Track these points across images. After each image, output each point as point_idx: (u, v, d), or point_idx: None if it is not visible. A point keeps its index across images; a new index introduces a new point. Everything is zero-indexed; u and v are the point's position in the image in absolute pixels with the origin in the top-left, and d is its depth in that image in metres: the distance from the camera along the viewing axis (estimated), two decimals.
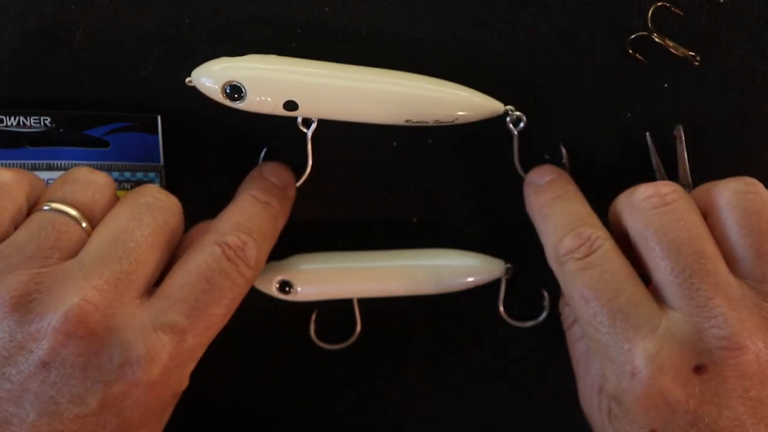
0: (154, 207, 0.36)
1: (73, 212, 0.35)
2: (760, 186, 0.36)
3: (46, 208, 0.34)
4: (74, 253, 0.34)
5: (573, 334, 0.41)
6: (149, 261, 0.34)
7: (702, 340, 0.32)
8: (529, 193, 0.42)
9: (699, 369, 0.32)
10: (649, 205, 0.36)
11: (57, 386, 0.30)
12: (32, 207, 0.36)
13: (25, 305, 0.31)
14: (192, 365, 0.35)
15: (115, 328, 0.32)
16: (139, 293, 0.34)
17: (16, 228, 0.34)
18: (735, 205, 0.35)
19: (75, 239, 0.34)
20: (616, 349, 0.34)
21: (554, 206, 0.40)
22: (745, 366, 0.32)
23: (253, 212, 0.39)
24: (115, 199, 0.38)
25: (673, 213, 0.35)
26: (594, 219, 0.38)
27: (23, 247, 0.32)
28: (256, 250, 0.37)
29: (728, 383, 0.32)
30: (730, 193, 0.36)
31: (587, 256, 0.36)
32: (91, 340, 0.31)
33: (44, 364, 0.30)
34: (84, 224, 0.35)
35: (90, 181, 0.36)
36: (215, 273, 0.35)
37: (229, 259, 0.36)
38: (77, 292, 0.31)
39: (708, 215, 0.36)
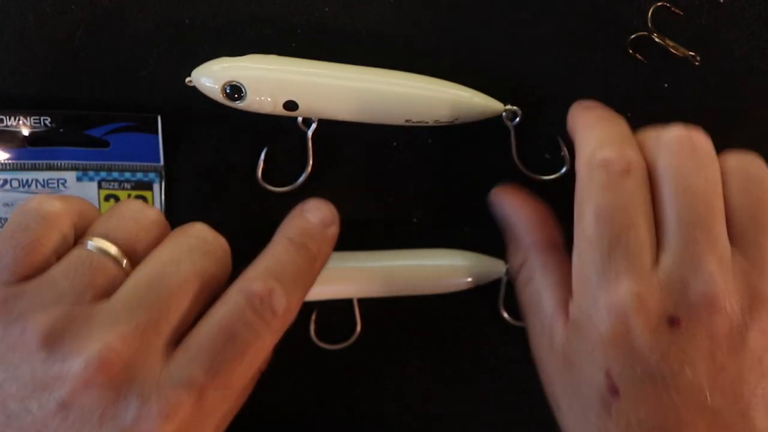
0: (197, 250, 0.34)
1: (113, 251, 0.33)
2: (763, 163, 0.37)
3: (88, 244, 0.33)
4: (109, 293, 0.32)
5: (523, 277, 0.41)
6: (180, 310, 0.33)
7: (683, 292, 0.33)
8: (578, 108, 0.41)
9: (672, 321, 0.32)
10: (678, 145, 0.36)
11: (75, 428, 0.30)
12: (79, 236, 0.34)
13: (52, 344, 0.30)
14: (215, 420, 0.33)
15: (135, 379, 0.31)
16: (166, 343, 0.32)
17: (59, 258, 0.33)
18: (739, 170, 0.36)
19: (111, 279, 0.33)
20: (599, 277, 0.34)
21: (604, 121, 0.39)
22: (718, 328, 0.32)
23: (285, 256, 0.36)
24: (164, 236, 0.36)
25: (698, 159, 0.35)
26: (637, 148, 0.37)
27: (59, 284, 0.32)
28: (285, 297, 0.34)
29: (697, 341, 0.32)
30: (737, 160, 0.36)
31: (621, 174, 0.35)
32: (110, 388, 0.30)
33: (64, 405, 0.30)
34: (124, 263, 0.33)
35: (138, 217, 0.35)
36: (238, 324, 0.33)
37: (253, 309, 0.33)
38: (102, 338, 0.30)
39: None
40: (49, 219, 0.33)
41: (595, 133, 0.38)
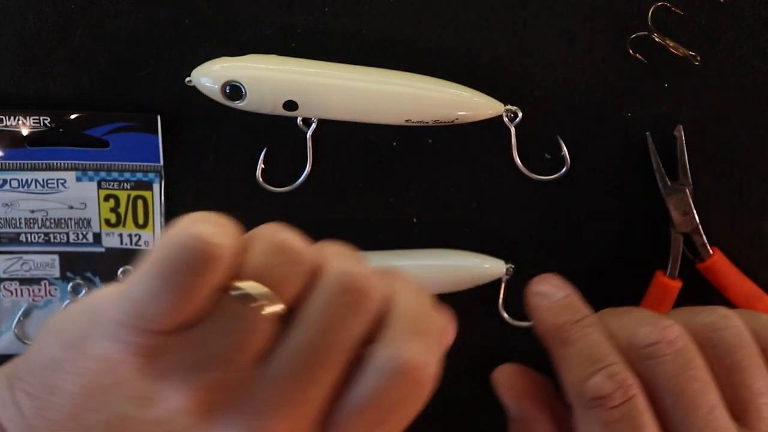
0: (354, 310, 0.28)
1: (270, 304, 0.28)
2: (734, 318, 0.35)
3: (242, 292, 0.28)
4: (263, 352, 0.28)
5: None
6: (335, 382, 0.28)
7: None
8: (542, 311, 0.37)
9: None
10: (657, 352, 0.34)
11: None
12: (227, 282, 0.28)
13: (203, 414, 0.27)
14: None
15: None
16: (318, 418, 0.28)
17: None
18: (717, 343, 0.34)
19: (265, 333, 0.28)
20: None
21: (576, 332, 0.36)
22: None
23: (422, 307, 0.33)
24: (314, 269, 0.30)
25: (682, 361, 0.33)
26: (618, 356, 0.34)
27: (210, 344, 0.27)
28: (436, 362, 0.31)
29: None
30: (709, 331, 0.35)
31: (622, 405, 0.32)
32: None
33: None
34: (280, 310, 0.28)
35: (291, 255, 0.29)
36: (391, 401, 0.29)
37: (410, 381, 0.29)
38: (261, 417, 0.27)
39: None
40: (214, 258, 0.27)
41: (573, 351, 0.35)
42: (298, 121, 0.43)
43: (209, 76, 0.40)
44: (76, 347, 0.28)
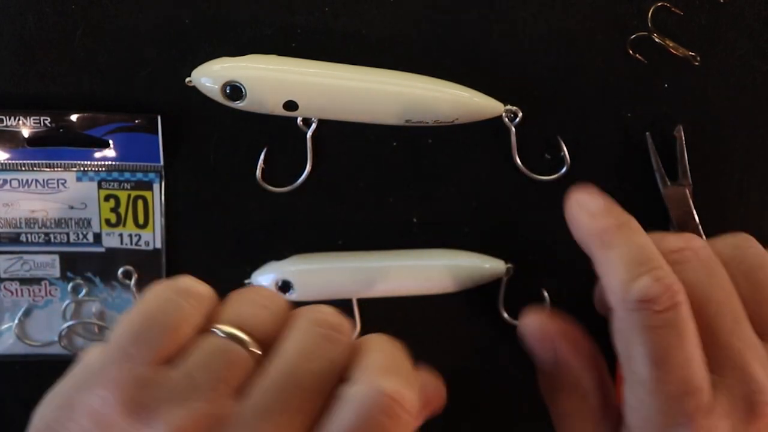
0: (327, 340, 0.31)
1: (246, 339, 0.30)
2: (754, 241, 0.36)
3: (220, 331, 0.30)
4: (243, 386, 0.29)
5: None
6: (314, 409, 0.29)
7: (749, 410, 0.32)
8: (583, 217, 0.36)
9: None
10: (684, 258, 0.34)
11: None
12: (208, 323, 0.31)
13: None
14: None
15: None
16: None
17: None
18: (741, 261, 0.34)
19: (245, 371, 0.30)
20: (668, 418, 0.32)
21: (621, 235, 0.34)
22: None
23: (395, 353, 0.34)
24: (288, 318, 0.32)
25: (708, 269, 0.34)
26: (665, 262, 0.33)
27: (194, 377, 0.29)
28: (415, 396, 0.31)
29: None
30: (732, 249, 0.35)
31: (668, 310, 0.31)
32: None
33: None
34: (256, 352, 0.30)
35: (267, 304, 0.32)
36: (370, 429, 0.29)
37: (386, 412, 0.29)
38: None
39: None
40: (199, 300, 0.31)
41: (616, 253, 0.34)
42: (298, 121, 0.43)
43: (209, 76, 0.40)
44: (67, 407, 0.29)
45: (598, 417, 0.36)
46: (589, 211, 0.36)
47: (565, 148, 0.44)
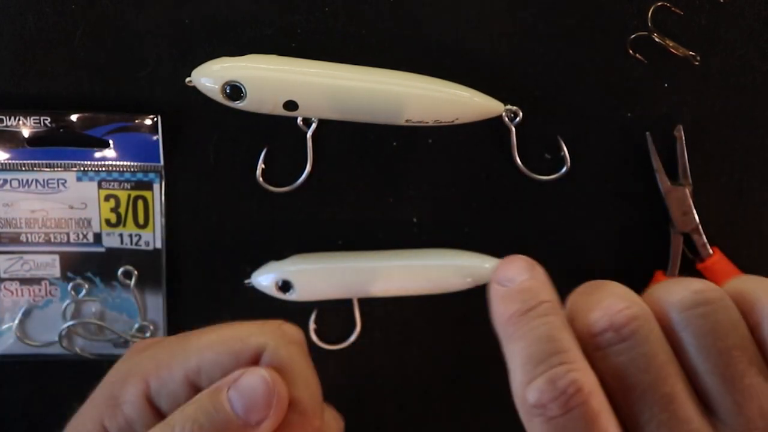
0: None
1: None
2: (710, 292, 0.29)
3: None
4: None
5: None
6: None
7: None
8: (494, 298, 0.32)
9: None
10: (604, 342, 0.29)
11: None
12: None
13: None
14: None
15: None
16: None
17: None
18: (686, 325, 0.28)
19: None
20: None
21: (523, 325, 0.30)
22: None
23: None
24: None
25: (633, 350, 0.28)
26: (574, 347, 0.29)
27: None
28: None
29: None
30: (678, 311, 0.29)
31: (565, 414, 0.27)
32: None
33: None
34: None
35: None
36: None
37: None
38: None
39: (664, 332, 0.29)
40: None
41: (517, 348, 0.30)
42: (298, 121, 0.43)
43: (209, 76, 0.40)
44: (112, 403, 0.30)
45: None
46: (501, 295, 0.32)
47: (565, 148, 0.44)
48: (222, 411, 0.29)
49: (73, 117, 0.43)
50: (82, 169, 0.44)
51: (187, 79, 0.41)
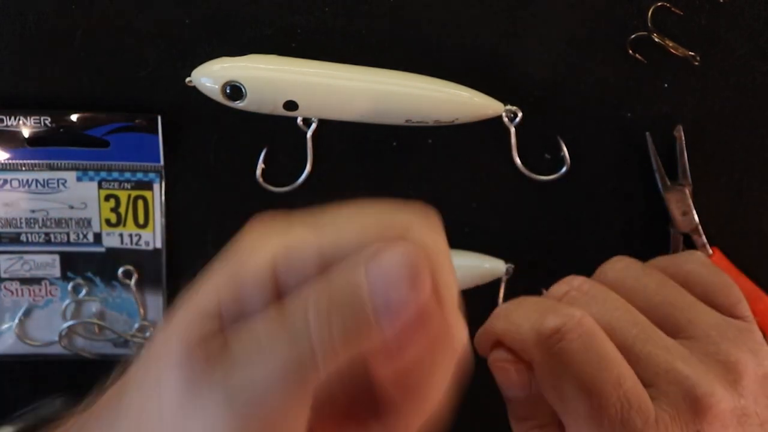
0: None
1: None
2: (626, 260, 0.35)
3: None
4: None
5: None
6: None
7: (694, 408, 0.31)
8: (481, 333, 0.35)
9: None
10: (570, 299, 0.34)
11: None
12: None
13: None
14: None
15: None
16: None
17: None
18: (623, 281, 0.34)
19: None
20: None
21: (512, 305, 0.34)
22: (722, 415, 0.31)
23: None
24: None
25: (596, 298, 0.33)
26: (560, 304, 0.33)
27: None
28: None
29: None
30: (614, 274, 0.34)
31: (582, 335, 0.31)
32: None
33: None
34: None
35: None
36: None
37: None
38: None
39: None
40: None
41: (515, 316, 0.33)
42: (298, 121, 0.43)
43: (209, 76, 0.40)
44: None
45: None
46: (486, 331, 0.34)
47: (565, 148, 0.44)
48: (359, 289, 0.25)
49: (73, 117, 0.43)
50: (82, 169, 0.44)
51: (187, 79, 0.41)
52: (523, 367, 0.34)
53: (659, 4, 0.43)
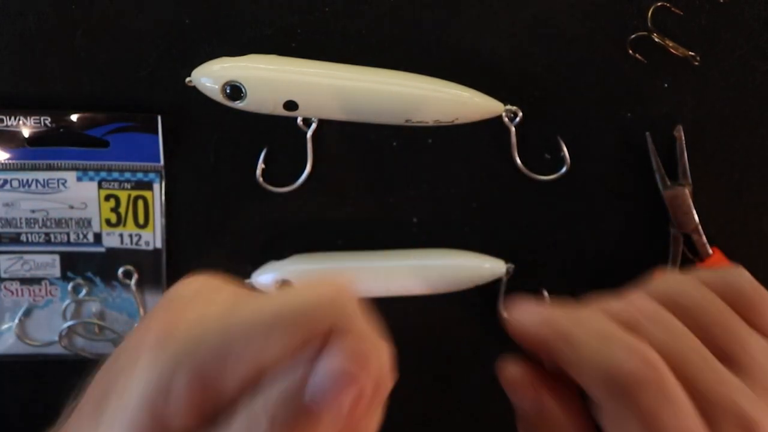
0: None
1: None
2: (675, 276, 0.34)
3: None
4: None
5: None
6: None
7: None
8: (529, 330, 0.33)
9: None
10: (631, 320, 0.32)
11: None
12: None
13: None
14: None
15: None
16: None
17: None
18: (675, 300, 0.33)
19: None
20: None
21: (573, 324, 0.31)
22: None
23: None
24: None
25: (661, 323, 0.32)
26: (623, 331, 0.31)
27: None
28: None
29: None
30: (664, 289, 0.33)
31: (652, 378, 0.29)
32: None
33: None
34: None
35: None
36: None
37: None
38: None
39: None
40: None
41: (576, 338, 0.31)
42: (298, 121, 0.43)
43: (209, 76, 0.40)
44: None
45: None
46: (530, 323, 0.33)
47: (565, 148, 0.44)
48: (305, 414, 0.26)
49: (73, 117, 0.43)
50: (82, 169, 0.44)
51: (187, 79, 0.41)
52: (534, 388, 0.33)
53: (659, 4, 0.43)
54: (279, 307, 0.27)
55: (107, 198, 0.44)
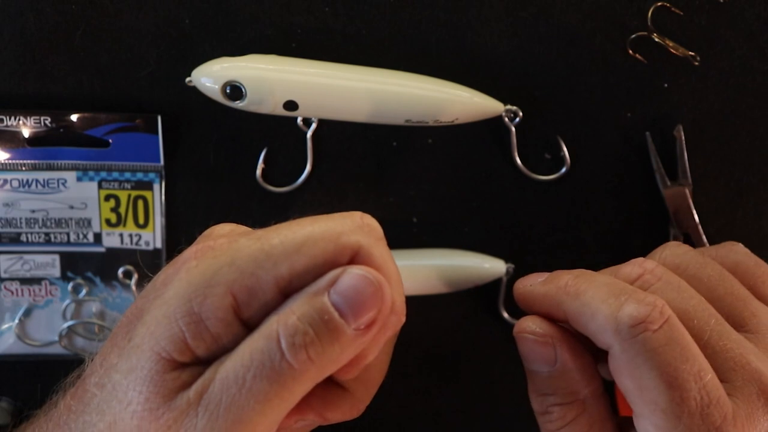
0: None
1: None
2: (684, 246, 0.35)
3: None
4: None
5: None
6: None
7: (763, 406, 0.31)
8: (536, 289, 0.34)
9: None
10: (645, 282, 0.33)
11: None
12: None
13: None
14: None
15: None
16: None
17: None
18: (686, 267, 0.34)
19: None
20: None
21: (583, 281, 0.33)
22: None
23: None
24: None
25: (671, 284, 0.33)
26: (635, 288, 0.33)
27: None
28: None
29: None
30: (674, 260, 0.35)
31: (664, 326, 0.30)
32: None
33: None
34: None
35: None
36: None
37: None
38: None
39: None
40: None
41: (588, 297, 0.32)
42: (298, 121, 0.43)
43: (209, 76, 0.40)
44: None
45: (597, 429, 0.34)
46: (538, 284, 0.35)
47: (565, 148, 0.44)
48: (329, 316, 0.27)
49: (73, 117, 0.43)
50: (82, 169, 0.44)
51: (187, 79, 0.41)
52: (551, 342, 0.33)
53: (659, 4, 0.43)
54: (311, 229, 0.29)
55: (107, 198, 0.44)
